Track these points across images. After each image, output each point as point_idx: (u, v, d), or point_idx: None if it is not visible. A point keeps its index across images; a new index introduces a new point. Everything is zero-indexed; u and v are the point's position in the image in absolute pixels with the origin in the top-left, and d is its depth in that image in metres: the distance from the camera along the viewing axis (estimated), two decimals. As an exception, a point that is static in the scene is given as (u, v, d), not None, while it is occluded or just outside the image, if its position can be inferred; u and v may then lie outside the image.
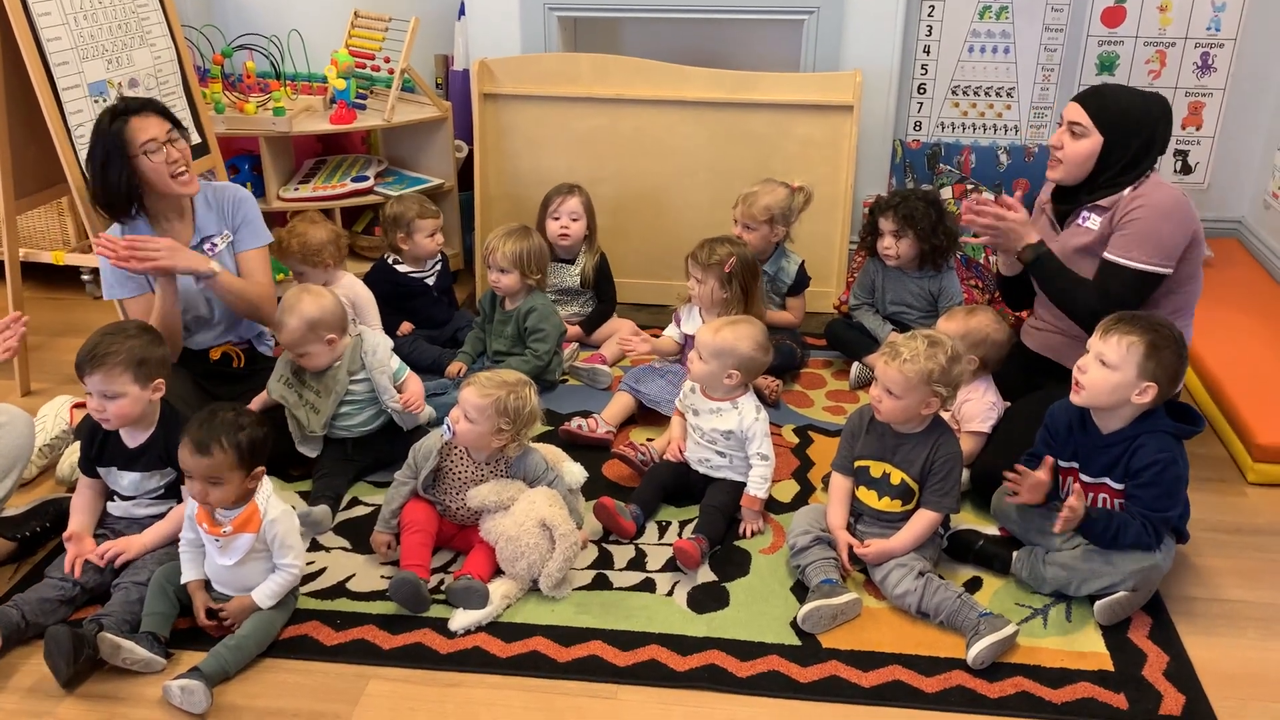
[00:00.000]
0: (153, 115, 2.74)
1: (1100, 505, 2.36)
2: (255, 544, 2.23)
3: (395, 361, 2.83)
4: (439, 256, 3.54)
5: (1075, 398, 2.33)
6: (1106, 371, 2.27)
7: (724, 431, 2.63)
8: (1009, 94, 4.06)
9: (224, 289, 2.81)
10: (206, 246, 2.87)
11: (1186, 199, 2.64)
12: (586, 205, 3.50)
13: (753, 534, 2.61)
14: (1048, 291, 2.74)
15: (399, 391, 2.80)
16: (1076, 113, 2.66)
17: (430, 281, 3.51)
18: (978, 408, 2.79)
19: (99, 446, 2.41)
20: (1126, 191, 2.63)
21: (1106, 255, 2.62)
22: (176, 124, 2.78)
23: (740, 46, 4.12)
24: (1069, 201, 2.75)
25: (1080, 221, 2.70)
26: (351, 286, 3.29)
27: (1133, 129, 2.62)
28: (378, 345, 2.80)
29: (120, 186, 2.71)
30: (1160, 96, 2.71)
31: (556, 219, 3.48)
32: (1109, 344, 2.27)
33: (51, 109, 2.98)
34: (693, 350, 2.66)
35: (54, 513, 2.56)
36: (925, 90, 4.08)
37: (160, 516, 2.41)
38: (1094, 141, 2.64)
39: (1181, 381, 2.68)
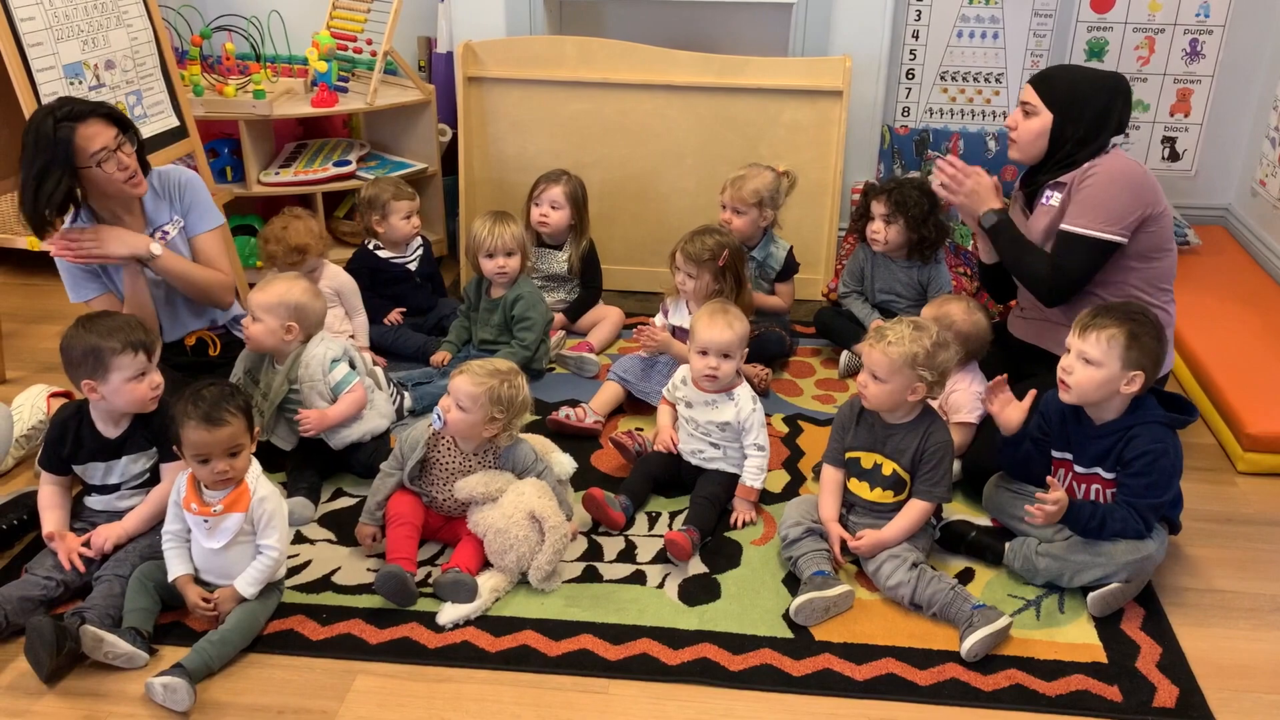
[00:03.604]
0: (99, 121, 2.56)
1: (1092, 497, 2.36)
2: (243, 524, 2.20)
3: (339, 373, 2.69)
4: (420, 241, 3.50)
5: (1064, 396, 2.32)
6: (1091, 369, 2.26)
7: (720, 424, 2.60)
8: (998, 80, 4.04)
9: (167, 270, 2.71)
10: (158, 236, 2.78)
11: (1143, 169, 2.67)
12: (571, 194, 3.44)
13: (744, 524, 2.59)
14: (1006, 260, 2.78)
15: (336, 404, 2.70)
16: (1028, 93, 2.72)
17: (412, 267, 3.46)
18: (965, 398, 2.78)
19: (74, 444, 2.36)
20: (1084, 166, 2.66)
21: (1061, 226, 2.65)
22: (122, 126, 2.62)
23: (727, 31, 4.08)
24: (1034, 183, 2.79)
25: (1043, 200, 2.74)
26: (335, 276, 3.25)
27: (1082, 104, 2.65)
28: (312, 359, 2.68)
29: (54, 198, 2.53)
30: (1116, 75, 2.73)
31: (537, 205, 3.44)
32: (1089, 341, 2.26)
33: (25, 91, 2.91)
34: (702, 358, 2.57)
35: (31, 506, 2.50)
36: (914, 76, 4.05)
37: (142, 507, 2.37)
38: (1044, 120, 2.68)
39: (1165, 365, 2.68)
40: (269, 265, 3.20)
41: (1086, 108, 2.65)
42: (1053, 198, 2.71)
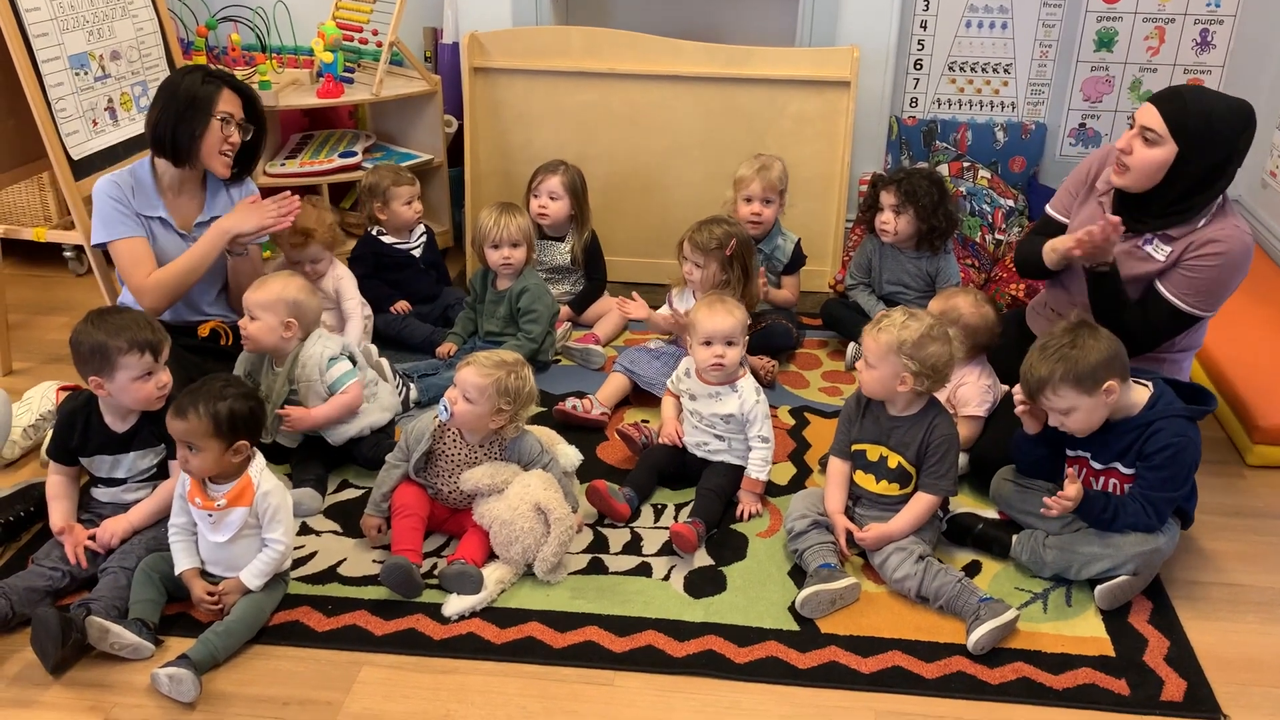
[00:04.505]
0: (239, 97, 2.81)
1: (1109, 489, 2.35)
2: (248, 519, 2.20)
3: (337, 371, 2.67)
4: (423, 228, 3.49)
5: (1078, 434, 2.31)
6: (1074, 415, 2.26)
7: (724, 416, 2.59)
8: (1006, 70, 4.01)
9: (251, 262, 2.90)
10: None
11: (1251, 237, 2.48)
12: (570, 185, 3.42)
13: (751, 516, 2.58)
14: (1097, 297, 2.56)
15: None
16: (1151, 116, 2.42)
17: (416, 253, 3.46)
18: (973, 391, 2.76)
19: (81, 436, 2.36)
20: (1200, 224, 2.47)
21: (1160, 287, 2.50)
22: (251, 115, 2.84)
23: (734, 20, 4.06)
24: (1133, 214, 2.51)
25: (1142, 244, 2.53)
26: (340, 277, 3.23)
27: (1214, 142, 2.40)
28: (309, 359, 2.66)
29: (186, 137, 2.73)
30: (1247, 105, 2.44)
31: (536, 197, 3.43)
32: (1052, 400, 2.26)
33: (31, 81, 2.91)
34: (707, 348, 2.56)
35: (38, 496, 2.50)
36: (922, 66, 4.03)
37: (149, 500, 2.37)
38: (1168, 151, 2.41)
39: (1183, 373, 2.67)
40: (274, 251, 3.20)
41: (1217, 146, 2.39)
42: (1158, 248, 2.49)
